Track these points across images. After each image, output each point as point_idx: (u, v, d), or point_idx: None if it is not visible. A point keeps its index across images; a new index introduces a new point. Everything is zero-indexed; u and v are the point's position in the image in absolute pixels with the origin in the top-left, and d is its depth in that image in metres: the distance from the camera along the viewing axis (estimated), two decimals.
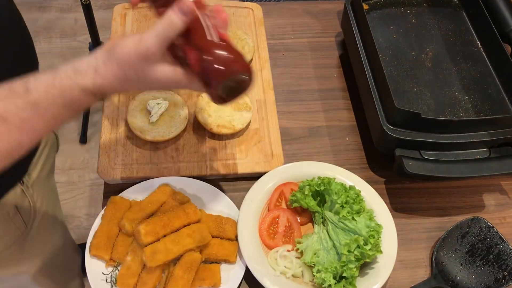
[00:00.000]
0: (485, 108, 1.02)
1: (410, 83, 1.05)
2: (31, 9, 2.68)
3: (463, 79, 1.06)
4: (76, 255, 1.29)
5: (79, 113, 0.67)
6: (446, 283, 0.90)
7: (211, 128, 1.01)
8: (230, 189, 0.99)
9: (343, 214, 0.87)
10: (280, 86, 1.16)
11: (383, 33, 1.14)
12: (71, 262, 1.27)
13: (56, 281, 1.17)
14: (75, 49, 2.70)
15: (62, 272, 1.20)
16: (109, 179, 0.97)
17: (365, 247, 0.83)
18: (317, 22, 1.30)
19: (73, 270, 1.29)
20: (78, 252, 1.32)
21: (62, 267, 1.19)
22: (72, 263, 1.27)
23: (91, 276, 0.86)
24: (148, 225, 0.85)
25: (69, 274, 1.26)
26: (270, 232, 0.92)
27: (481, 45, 1.12)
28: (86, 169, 2.32)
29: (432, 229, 0.98)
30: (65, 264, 1.21)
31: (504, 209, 1.02)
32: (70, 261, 1.26)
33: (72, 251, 1.26)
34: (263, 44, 1.19)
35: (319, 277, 0.84)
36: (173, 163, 0.99)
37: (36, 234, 1.01)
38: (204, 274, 0.86)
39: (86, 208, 2.22)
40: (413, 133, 0.94)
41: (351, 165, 1.05)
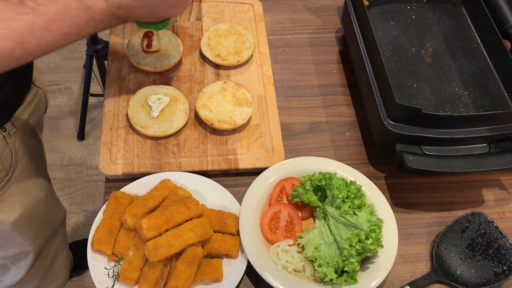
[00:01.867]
0: (485, 104, 1.03)
1: (410, 78, 1.05)
2: None
3: (463, 75, 1.07)
4: (57, 212, 1.30)
5: (96, 31, 0.75)
6: (446, 277, 0.91)
7: (212, 124, 1.01)
8: (231, 184, 1.00)
9: (344, 208, 0.88)
10: (281, 82, 1.17)
11: (383, 29, 1.14)
12: (53, 217, 1.27)
13: (36, 232, 1.18)
14: (72, 45, 2.63)
15: (42, 224, 1.21)
16: (110, 174, 0.97)
17: (366, 241, 0.83)
18: (317, 18, 1.30)
19: (53, 227, 1.29)
20: (62, 211, 1.34)
21: (43, 219, 1.20)
22: (53, 218, 1.28)
23: (94, 271, 0.86)
24: (150, 220, 0.85)
25: (50, 229, 1.27)
26: (272, 227, 0.93)
27: (480, 41, 1.13)
28: (84, 165, 2.31)
29: (432, 223, 0.99)
30: (46, 216, 1.22)
31: (504, 204, 1.03)
32: (52, 215, 1.26)
33: (53, 207, 1.26)
34: (263, 40, 1.20)
35: (320, 271, 0.85)
36: (174, 158, 0.99)
37: (17, 182, 1.03)
38: (206, 269, 0.87)
39: (84, 205, 2.22)
40: (414, 129, 0.94)
41: (352, 161, 1.05)
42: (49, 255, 1.31)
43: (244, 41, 1.15)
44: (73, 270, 1.93)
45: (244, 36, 1.16)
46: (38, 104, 1.10)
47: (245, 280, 0.90)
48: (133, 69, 1.11)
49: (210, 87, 1.06)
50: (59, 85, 2.55)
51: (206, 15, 1.23)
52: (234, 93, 1.06)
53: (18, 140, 1.01)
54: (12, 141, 0.99)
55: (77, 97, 2.51)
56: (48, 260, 1.32)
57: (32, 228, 1.15)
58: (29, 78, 1.03)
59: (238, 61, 1.12)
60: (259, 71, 1.14)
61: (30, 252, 1.20)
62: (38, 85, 1.08)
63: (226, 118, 1.02)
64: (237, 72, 1.14)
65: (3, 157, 0.97)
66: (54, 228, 1.29)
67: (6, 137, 0.97)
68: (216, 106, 1.04)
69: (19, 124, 1.01)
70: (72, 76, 2.60)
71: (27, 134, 1.06)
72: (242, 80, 1.12)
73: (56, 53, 2.65)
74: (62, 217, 1.34)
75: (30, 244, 1.17)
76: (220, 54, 1.13)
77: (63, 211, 1.35)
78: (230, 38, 1.16)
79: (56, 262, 1.36)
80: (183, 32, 1.19)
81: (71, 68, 2.63)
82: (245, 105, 1.04)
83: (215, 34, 1.16)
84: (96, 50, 2.13)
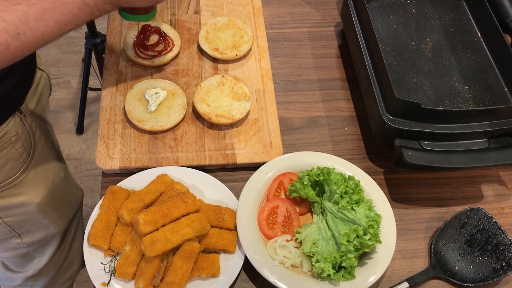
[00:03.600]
0: (485, 99, 1.02)
1: (409, 73, 1.04)
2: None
3: (463, 69, 1.06)
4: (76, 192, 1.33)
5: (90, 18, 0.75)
6: (445, 273, 0.91)
7: (209, 118, 1.00)
8: (229, 179, 0.99)
9: (342, 204, 0.87)
10: (279, 76, 1.16)
11: (383, 23, 1.13)
12: (73, 197, 1.30)
13: (59, 213, 1.20)
14: (71, 38, 2.68)
15: (65, 205, 1.23)
16: (107, 169, 0.96)
17: (364, 237, 0.82)
18: (317, 11, 1.29)
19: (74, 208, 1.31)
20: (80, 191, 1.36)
21: (65, 199, 1.22)
22: (74, 198, 1.30)
23: (90, 266, 0.86)
24: (147, 215, 0.84)
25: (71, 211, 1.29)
26: (269, 222, 0.92)
27: (481, 35, 1.12)
28: (83, 159, 2.31)
29: (431, 219, 0.98)
30: (67, 196, 1.24)
31: (503, 199, 1.02)
32: (72, 195, 1.29)
33: (73, 186, 1.29)
34: (262, 34, 1.19)
35: (318, 266, 0.84)
36: (172, 153, 0.99)
37: (38, 163, 1.05)
38: (203, 264, 0.86)
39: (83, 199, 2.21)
40: (413, 123, 0.93)
41: (350, 156, 1.05)
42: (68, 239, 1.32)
43: (242, 35, 1.14)
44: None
45: (242, 29, 1.15)
46: (45, 86, 1.11)
47: (242, 276, 0.90)
48: (130, 63, 1.10)
49: (208, 81, 1.06)
50: (58, 79, 2.54)
51: (204, 9, 1.22)
52: (232, 87, 1.05)
53: (34, 122, 1.02)
54: (29, 123, 1.00)
55: (76, 91, 2.50)
56: (67, 245, 1.33)
57: (56, 209, 1.17)
58: (34, 61, 1.05)
59: (237, 55, 1.11)
60: (258, 65, 1.13)
61: (55, 235, 1.22)
62: (41, 68, 1.10)
63: (224, 112, 1.01)
64: (235, 66, 1.13)
65: (23, 138, 0.98)
66: (75, 208, 1.31)
67: (23, 119, 0.98)
68: (214, 100, 1.03)
69: (32, 106, 1.02)
70: (71, 70, 2.59)
71: (39, 116, 1.07)
72: (240, 74, 1.11)
73: (55, 47, 2.64)
74: (81, 197, 1.37)
75: (55, 226, 1.19)
76: (218, 48, 1.12)
77: (81, 190, 1.37)
78: (228, 31, 1.15)
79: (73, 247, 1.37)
80: (181, 25, 1.18)
81: (70, 62, 2.62)
82: (243, 100, 1.04)
83: (213, 28, 1.15)
84: (95, 44, 2.12)
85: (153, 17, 0.91)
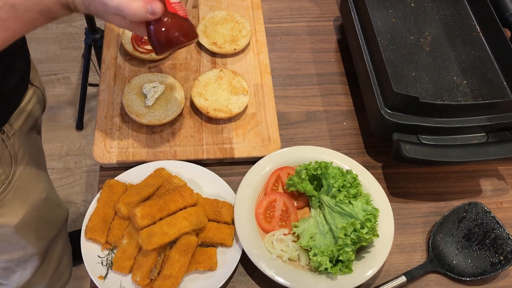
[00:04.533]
0: (484, 93, 1.01)
1: (408, 67, 1.04)
2: None
3: (462, 64, 1.06)
4: (60, 212, 1.29)
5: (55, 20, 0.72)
6: (442, 267, 0.91)
7: (207, 112, 1.00)
8: (227, 173, 0.99)
9: (340, 198, 0.87)
10: (278, 71, 1.16)
11: (382, 17, 1.13)
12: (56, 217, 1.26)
13: (39, 235, 1.17)
14: (71, 34, 2.68)
15: (45, 226, 1.20)
16: (105, 163, 0.96)
17: (362, 230, 0.82)
18: (315, 6, 1.29)
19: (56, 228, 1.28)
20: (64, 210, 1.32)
21: (46, 220, 1.19)
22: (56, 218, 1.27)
23: (87, 259, 0.86)
24: (144, 208, 0.84)
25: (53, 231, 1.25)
26: (267, 216, 0.92)
27: (480, 30, 1.11)
28: (83, 155, 2.31)
29: (428, 213, 0.98)
30: (49, 217, 1.21)
31: (501, 194, 1.02)
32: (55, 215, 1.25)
33: (56, 207, 1.25)
34: (260, 28, 1.18)
35: (315, 260, 0.84)
36: (170, 147, 0.99)
37: (18, 185, 1.02)
38: (200, 257, 0.86)
39: (83, 194, 2.22)
40: (411, 117, 0.93)
41: (349, 150, 1.05)
42: (55, 257, 1.30)
43: (241, 29, 1.14)
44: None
45: (241, 24, 1.15)
46: (36, 104, 1.07)
47: (240, 269, 0.90)
48: (128, 57, 1.10)
49: (206, 75, 1.05)
50: (58, 75, 2.54)
51: (203, 3, 1.21)
52: (230, 81, 1.05)
53: (17, 142, 0.99)
54: (11, 143, 0.97)
55: (75, 86, 2.50)
56: (55, 262, 1.31)
57: (35, 230, 1.14)
58: (27, 78, 1.02)
59: (235, 49, 1.11)
60: (256, 59, 1.13)
61: (35, 255, 1.19)
62: (35, 84, 1.06)
63: (222, 106, 1.01)
64: (233, 61, 1.13)
65: (2, 160, 0.95)
66: (57, 229, 1.28)
67: (5, 140, 0.95)
68: (211, 94, 1.03)
69: (17, 125, 0.99)
70: (70, 66, 2.59)
71: (25, 136, 1.04)
72: (238, 69, 1.11)
73: (54, 43, 2.64)
74: (65, 216, 1.33)
75: (34, 246, 1.17)
76: (216, 42, 1.11)
77: (65, 210, 1.34)
78: (226, 26, 1.15)
79: (62, 263, 1.35)
80: None
81: (69, 58, 2.61)
82: (241, 94, 1.03)
83: (212, 22, 1.15)
84: (94, 39, 2.12)
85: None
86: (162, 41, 0.75)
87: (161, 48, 0.77)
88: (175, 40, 0.76)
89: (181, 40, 0.76)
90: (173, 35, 0.75)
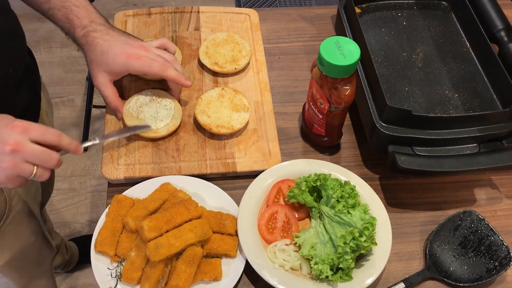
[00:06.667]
0: (474, 105, 1.06)
1: (401, 82, 1.09)
2: (31, 20, 2.73)
3: (453, 78, 1.10)
4: (46, 251, 1.28)
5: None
6: (440, 274, 0.93)
7: (210, 128, 1.05)
8: (230, 187, 1.03)
9: (338, 208, 0.90)
10: (277, 88, 1.20)
11: (375, 35, 1.18)
12: (41, 257, 1.26)
13: (22, 274, 1.18)
14: (75, 58, 2.75)
15: (30, 266, 1.20)
16: (112, 179, 1.00)
17: (360, 238, 0.86)
18: (312, 26, 1.34)
19: (42, 266, 1.28)
20: (50, 249, 1.32)
21: (32, 262, 1.20)
22: (42, 257, 1.27)
23: (97, 271, 0.89)
24: (151, 221, 0.88)
25: (38, 270, 1.26)
26: (269, 227, 0.96)
27: (469, 45, 1.16)
28: (87, 175, 2.35)
29: (425, 222, 1.02)
30: (35, 259, 1.21)
31: (495, 202, 1.06)
32: (41, 255, 1.25)
33: (43, 247, 1.25)
34: (259, 48, 1.23)
35: (316, 268, 0.87)
36: (174, 162, 1.03)
37: (8, 229, 1.03)
38: (205, 268, 0.89)
39: (88, 215, 2.25)
40: (405, 130, 0.97)
41: (347, 163, 1.08)
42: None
43: (241, 50, 1.19)
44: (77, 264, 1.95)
45: (241, 44, 1.20)
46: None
47: (244, 279, 0.93)
48: (133, 78, 1.15)
49: (208, 94, 1.10)
50: (62, 98, 2.60)
51: (204, 25, 1.27)
52: (232, 99, 1.09)
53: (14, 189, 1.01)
54: (8, 190, 0.99)
55: (80, 109, 2.56)
56: None
57: (19, 270, 1.15)
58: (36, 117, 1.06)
59: (235, 69, 1.16)
60: (256, 78, 1.18)
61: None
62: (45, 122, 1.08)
63: (224, 123, 1.05)
64: (234, 79, 1.17)
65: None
66: (42, 267, 1.29)
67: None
68: (214, 111, 1.07)
69: None
70: (75, 89, 2.65)
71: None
72: (239, 87, 1.16)
73: (59, 66, 2.70)
74: (50, 254, 1.33)
75: (15, 283, 1.17)
76: (218, 62, 1.16)
77: (52, 248, 1.33)
78: (227, 46, 1.20)
79: None
80: (182, 41, 1.23)
81: (74, 81, 2.68)
82: (242, 111, 1.08)
83: (213, 43, 1.20)
84: None
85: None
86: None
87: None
88: None
89: None
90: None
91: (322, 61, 0.91)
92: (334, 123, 1.02)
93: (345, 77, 0.92)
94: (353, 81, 0.95)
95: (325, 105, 0.97)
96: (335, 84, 0.93)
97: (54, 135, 0.80)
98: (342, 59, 0.89)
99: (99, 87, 1.01)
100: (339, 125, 1.05)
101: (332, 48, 0.91)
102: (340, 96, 0.94)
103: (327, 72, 0.92)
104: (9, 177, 0.77)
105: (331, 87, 0.94)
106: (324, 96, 0.96)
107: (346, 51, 0.91)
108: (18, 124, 0.77)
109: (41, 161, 0.79)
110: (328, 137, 1.06)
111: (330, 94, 0.95)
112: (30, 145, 0.77)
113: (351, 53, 0.91)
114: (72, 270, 2.01)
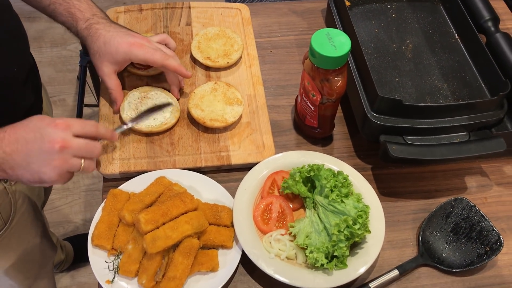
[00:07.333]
0: (464, 95, 1.08)
1: (392, 73, 1.10)
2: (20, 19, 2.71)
3: (442, 68, 1.12)
4: (51, 253, 1.30)
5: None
6: (433, 260, 0.95)
7: (204, 122, 1.05)
8: (225, 180, 1.04)
9: (332, 197, 0.92)
10: (269, 82, 1.21)
11: (365, 27, 1.19)
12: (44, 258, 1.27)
13: (27, 276, 1.19)
14: (65, 58, 2.74)
15: (35, 268, 1.22)
16: (107, 174, 1.01)
17: (354, 226, 0.87)
18: (302, 20, 1.35)
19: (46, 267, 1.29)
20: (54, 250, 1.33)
21: (36, 263, 1.21)
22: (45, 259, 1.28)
23: (94, 265, 0.89)
24: (147, 214, 0.88)
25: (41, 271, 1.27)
26: (264, 218, 0.97)
27: (458, 36, 1.18)
28: (81, 175, 2.34)
29: (417, 210, 1.03)
30: (39, 260, 1.23)
31: (485, 190, 1.08)
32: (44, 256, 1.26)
33: (48, 249, 1.26)
34: (251, 42, 1.24)
35: (311, 257, 0.89)
36: (169, 156, 1.04)
37: (13, 231, 1.04)
38: (202, 259, 0.90)
39: (82, 214, 2.25)
40: (396, 120, 0.99)
41: (339, 154, 1.10)
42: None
43: (233, 44, 1.20)
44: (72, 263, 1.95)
45: (232, 39, 1.21)
46: None
47: (240, 269, 0.94)
48: (126, 73, 1.15)
49: (202, 88, 1.11)
50: (54, 97, 2.59)
51: (196, 20, 1.28)
52: (225, 92, 1.10)
53: (18, 189, 1.02)
54: (13, 191, 1.00)
55: (71, 108, 2.55)
56: None
57: (23, 272, 1.16)
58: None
59: (228, 63, 1.17)
60: (248, 71, 1.19)
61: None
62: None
63: (218, 116, 1.06)
64: (227, 74, 1.18)
65: (1, 207, 0.97)
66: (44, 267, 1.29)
67: (7, 188, 0.97)
68: (207, 105, 1.08)
69: None
70: (66, 88, 2.64)
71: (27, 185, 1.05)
72: (232, 81, 1.17)
73: (49, 66, 2.69)
74: (53, 255, 1.34)
75: (19, 285, 1.18)
76: (210, 57, 1.17)
77: (54, 249, 1.34)
78: (219, 41, 1.21)
79: None
80: (174, 37, 1.24)
81: (65, 80, 2.67)
82: (235, 104, 1.09)
83: (205, 38, 1.21)
84: (89, 61, 2.16)
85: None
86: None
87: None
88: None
89: None
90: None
91: (314, 53, 0.92)
92: (326, 114, 1.04)
93: (337, 68, 0.94)
94: (344, 73, 0.96)
95: (317, 96, 0.98)
96: (327, 76, 0.95)
97: (92, 126, 0.85)
98: (333, 51, 0.91)
99: (103, 77, 1.02)
100: (331, 116, 1.06)
101: (323, 39, 0.92)
102: (332, 88, 0.96)
103: (318, 63, 0.93)
104: (61, 174, 0.81)
105: (322, 79, 0.95)
106: (316, 87, 0.97)
107: (337, 42, 0.92)
108: (60, 122, 0.81)
109: (87, 153, 0.83)
110: (320, 128, 1.07)
111: (322, 86, 0.96)
112: (75, 140, 0.81)
113: (342, 44, 0.92)
114: (68, 270, 2.01)
